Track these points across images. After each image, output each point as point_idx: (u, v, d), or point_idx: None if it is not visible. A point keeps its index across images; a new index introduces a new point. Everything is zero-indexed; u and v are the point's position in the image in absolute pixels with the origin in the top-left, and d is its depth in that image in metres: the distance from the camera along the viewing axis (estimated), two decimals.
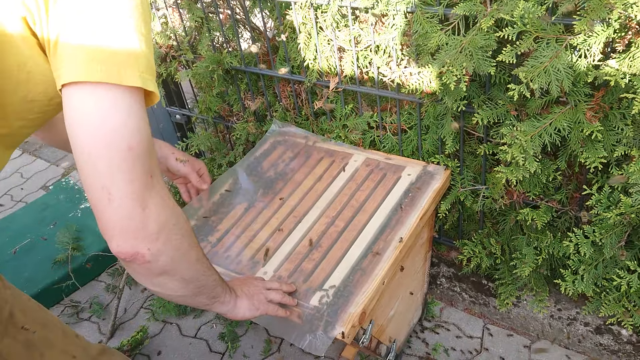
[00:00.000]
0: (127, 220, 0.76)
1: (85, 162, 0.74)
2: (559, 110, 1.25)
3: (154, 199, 0.78)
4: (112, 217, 0.76)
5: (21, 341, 0.95)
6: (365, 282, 1.25)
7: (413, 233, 1.36)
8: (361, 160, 1.61)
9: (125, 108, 0.73)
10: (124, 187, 0.75)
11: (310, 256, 1.35)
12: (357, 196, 1.49)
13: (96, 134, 0.72)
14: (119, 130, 0.73)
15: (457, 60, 1.23)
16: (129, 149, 0.74)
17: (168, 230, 0.81)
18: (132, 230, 0.77)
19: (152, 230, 0.79)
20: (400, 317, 1.61)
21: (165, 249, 0.82)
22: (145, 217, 0.77)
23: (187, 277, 0.90)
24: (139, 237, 0.78)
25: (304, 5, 1.57)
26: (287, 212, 1.50)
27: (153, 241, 0.79)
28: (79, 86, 0.71)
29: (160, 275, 0.85)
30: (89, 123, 0.72)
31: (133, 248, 0.78)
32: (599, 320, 1.61)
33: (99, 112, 0.72)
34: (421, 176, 1.50)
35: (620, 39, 1.10)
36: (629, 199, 1.22)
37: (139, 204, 0.76)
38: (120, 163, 0.74)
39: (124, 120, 0.73)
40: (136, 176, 0.75)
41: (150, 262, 0.81)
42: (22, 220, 2.51)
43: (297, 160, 1.67)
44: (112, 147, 0.73)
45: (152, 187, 0.78)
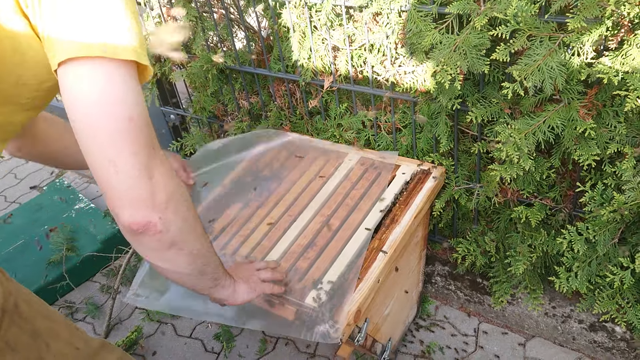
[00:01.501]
0: (136, 191, 0.77)
1: (87, 137, 0.74)
2: (553, 108, 1.25)
3: (159, 169, 0.79)
4: (121, 189, 0.76)
5: (28, 331, 0.95)
6: (360, 281, 1.25)
7: (407, 231, 1.36)
8: (356, 159, 1.61)
9: (122, 81, 0.74)
10: (130, 159, 0.75)
11: (306, 255, 1.36)
12: (352, 195, 1.49)
13: (96, 108, 0.72)
14: (119, 103, 0.73)
15: (451, 59, 1.23)
16: (130, 120, 0.74)
17: (175, 200, 0.82)
18: (142, 200, 0.78)
19: (161, 199, 0.79)
20: (396, 315, 1.62)
21: (175, 218, 0.83)
22: (153, 187, 0.78)
23: (195, 250, 0.90)
24: (149, 207, 0.79)
25: (298, 4, 1.57)
26: (282, 211, 1.50)
27: (163, 210, 0.80)
28: (74, 63, 0.71)
29: (171, 248, 0.85)
30: (88, 98, 0.72)
31: (144, 218, 0.79)
32: (593, 317, 1.62)
33: (97, 87, 0.72)
34: (415, 175, 1.50)
35: (612, 36, 1.10)
36: (622, 196, 1.23)
37: (145, 174, 0.77)
38: (123, 135, 0.74)
39: (123, 92, 0.74)
40: (140, 147, 0.76)
41: (162, 232, 0.81)
42: (16, 221, 2.50)
43: (291, 159, 1.67)
44: (114, 120, 0.73)
45: (155, 158, 0.79)
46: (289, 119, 1.89)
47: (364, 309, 1.24)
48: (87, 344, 1.09)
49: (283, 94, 1.89)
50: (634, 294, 1.43)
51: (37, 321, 0.99)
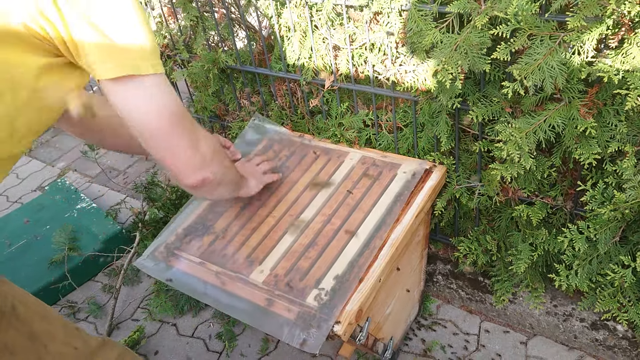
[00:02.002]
0: (192, 161, 1.05)
1: (147, 136, 0.98)
2: (553, 107, 1.25)
3: (200, 138, 1.06)
4: (181, 165, 1.04)
5: (25, 333, 0.97)
6: (362, 280, 1.26)
7: (409, 230, 1.36)
8: (357, 158, 1.61)
9: (160, 87, 0.95)
10: (181, 142, 1.01)
11: (307, 254, 1.36)
12: (353, 194, 1.49)
13: (149, 114, 0.95)
14: (162, 105, 0.96)
15: (452, 58, 1.23)
16: (173, 114, 0.98)
17: (216, 155, 1.13)
18: (197, 166, 1.07)
19: (208, 160, 1.09)
20: (397, 314, 1.62)
21: (218, 167, 1.15)
22: (201, 155, 1.07)
23: (230, 179, 1.27)
24: (203, 168, 1.09)
25: (299, 4, 1.57)
26: (284, 210, 1.50)
27: (211, 166, 1.11)
28: (119, 80, 0.91)
29: (219, 186, 1.19)
30: (140, 109, 0.95)
31: (202, 176, 1.09)
32: (594, 315, 1.62)
33: (144, 97, 0.94)
34: (417, 174, 1.50)
35: (613, 35, 1.10)
36: (623, 195, 1.23)
37: (195, 148, 1.04)
38: (172, 127, 0.98)
39: (162, 96, 0.96)
40: (185, 130, 1.01)
41: (213, 180, 1.13)
42: (18, 221, 2.51)
43: (292, 158, 1.67)
44: (163, 119, 0.97)
45: (196, 131, 1.05)
46: (290, 118, 1.90)
47: (365, 308, 1.24)
48: (85, 343, 1.11)
49: (284, 94, 1.89)
50: (635, 292, 1.43)
51: (34, 323, 1.01)
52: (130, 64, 0.89)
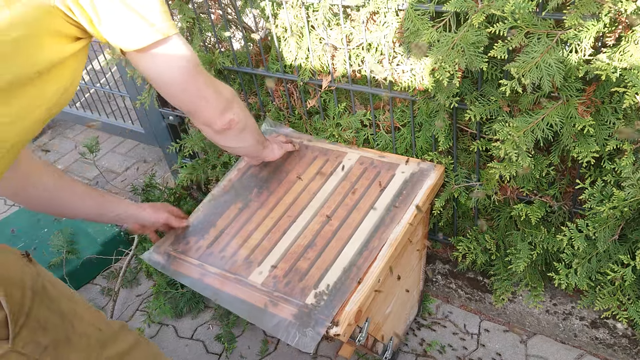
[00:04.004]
0: (220, 106, 1.19)
1: (180, 90, 1.08)
2: (551, 105, 1.25)
3: (219, 84, 1.19)
4: (211, 109, 1.17)
5: (56, 311, 0.98)
6: (361, 281, 1.25)
7: (407, 230, 1.36)
8: (355, 158, 1.60)
9: (182, 44, 1.02)
10: (208, 89, 1.13)
11: (306, 255, 1.35)
12: (352, 195, 1.49)
13: (180, 68, 1.04)
14: (186, 63, 1.04)
15: (450, 56, 1.23)
16: (197, 65, 1.07)
17: (237, 100, 1.26)
18: (224, 109, 1.20)
19: (230, 103, 1.22)
20: (397, 314, 1.62)
21: (240, 110, 1.26)
22: (224, 99, 1.20)
23: (254, 127, 1.38)
24: (228, 111, 1.21)
25: (295, 4, 1.57)
26: (282, 211, 1.49)
27: (234, 109, 1.23)
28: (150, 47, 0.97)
29: (243, 130, 1.30)
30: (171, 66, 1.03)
31: (227, 119, 1.22)
32: (594, 314, 1.62)
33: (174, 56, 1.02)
34: (415, 173, 1.50)
35: (610, 33, 1.10)
36: (622, 193, 1.23)
37: (218, 92, 1.17)
38: (199, 76, 1.09)
39: (186, 51, 1.03)
40: (208, 78, 1.13)
41: (238, 122, 1.25)
42: (15, 224, 2.50)
43: (291, 159, 1.67)
44: (191, 71, 1.06)
45: (214, 79, 1.17)
46: (288, 119, 1.89)
47: (364, 309, 1.24)
48: (108, 326, 1.12)
49: (281, 94, 1.89)
50: (635, 290, 1.43)
51: (62, 302, 1.02)
52: (155, 30, 0.95)
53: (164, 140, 2.50)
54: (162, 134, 2.49)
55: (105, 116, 3.27)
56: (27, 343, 0.88)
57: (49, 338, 0.93)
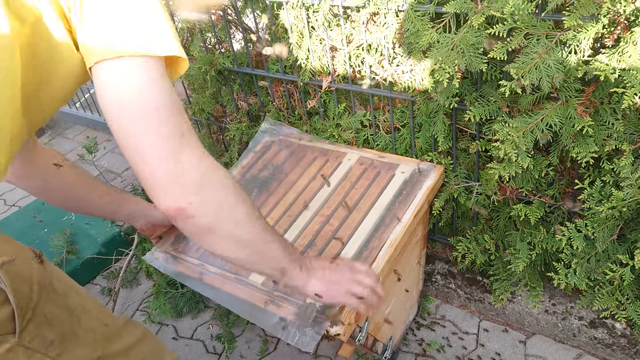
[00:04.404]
0: (164, 178, 0.79)
1: (117, 130, 0.77)
2: (550, 106, 1.25)
3: (187, 155, 0.79)
4: (150, 177, 0.79)
5: (62, 306, 0.97)
6: None
7: (407, 230, 1.37)
8: (355, 158, 1.61)
9: (142, 74, 0.76)
10: (156, 146, 0.77)
11: (306, 255, 1.36)
12: (351, 195, 1.49)
13: (122, 101, 0.75)
14: (143, 95, 0.76)
15: (449, 57, 1.23)
16: (155, 110, 0.76)
17: (208, 184, 0.82)
18: (170, 186, 0.79)
19: (190, 185, 0.80)
20: (396, 314, 1.62)
21: (207, 203, 0.82)
22: (180, 173, 0.79)
23: (239, 237, 0.89)
24: (178, 193, 0.80)
25: (296, 5, 1.57)
26: (282, 211, 1.50)
27: (193, 195, 0.81)
28: (102, 64, 0.75)
29: (209, 234, 0.86)
30: (117, 95, 0.75)
31: (175, 203, 0.80)
32: (593, 314, 1.62)
33: (122, 85, 0.75)
34: (415, 174, 1.50)
35: (609, 34, 1.11)
36: (621, 193, 1.23)
37: (172, 161, 0.78)
38: (148, 125, 0.76)
39: (146, 84, 0.76)
40: (165, 136, 0.77)
41: (195, 217, 0.82)
42: (15, 225, 2.50)
43: (291, 159, 1.67)
44: (139, 112, 0.76)
45: (185, 144, 0.80)
46: (288, 120, 1.90)
47: None
48: (114, 321, 1.10)
49: (282, 95, 1.89)
50: (634, 290, 1.43)
51: (69, 297, 1.01)
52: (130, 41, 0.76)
53: None
54: None
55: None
56: (33, 337, 0.88)
57: (55, 332, 0.93)
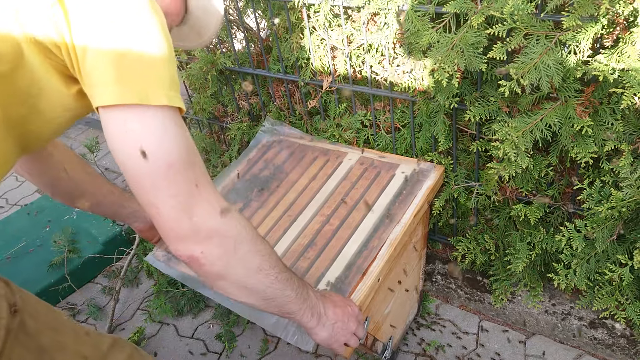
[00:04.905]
0: (178, 229, 0.80)
1: (131, 181, 0.78)
2: (550, 106, 1.26)
3: (201, 206, 0.81)
4: (164, 227, 0.81)
5: (33, 349, 0.94)
6: (360, 280, 1.26)
7: (407, 230, 1.37)
8: (355, 158, 1.61)
9: (158, 127, 0.76)
10: (169, 202, 0.78)
11: (306, 255, 1.36)
12: (352, 194, 1.50)
13: (135, 156, 0.75)
14: (156, 151, 0.75)
15: (449, 57, 1.24)
16: (168, 166, 0.77)
17: (221, 235, 0.84)
18: (183, 236, 0.81)
19: (203, 235, 0.82)
20: (396, 314, 1.62)
21: (219, 252, 0.84)
22: (193, 225, 0.81)
23: (249, 285, 0.91)
24: (191, 242, 0.82)
25: (297, 5, 1.58)
26: (282, 211, 1.50)
27: (205, 244, 0.83)
28: (111, 109, 0.74)
29: (220, 280, 0.88)
30: (127, 146, 0.75)
31: (187, 251, 0.82)
32: (592, 314, 1.62)
33: (133, 135, 0.75)
34: (415, 174, 1.51)
35: (608, 34, 1.11)
36: (620, 193, 1.23)
37: (185, 214, 0.80)
38: (162, 181, 0.77)
39: (159, 139, 0.76)
40: (179, 190, 0.79)
41: (205, 265, 0.84)
42: (17, 224, 2.51)
43: (291, 159, 1.68)
44: (150, 170, 0.76)
45: (198, 195, 0.81)
46: (289, 120, 1.90)
47: (364, 308, 1.25)
48: (96, 349, 1.07)
49: (282, 95, 1.90)
50: (633, 290, 1.43)
51: (42, 336, 0.97)
52: (139, 89, 0.74)
53: None
54: None
55: None
56: None
57: None
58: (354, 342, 1.13)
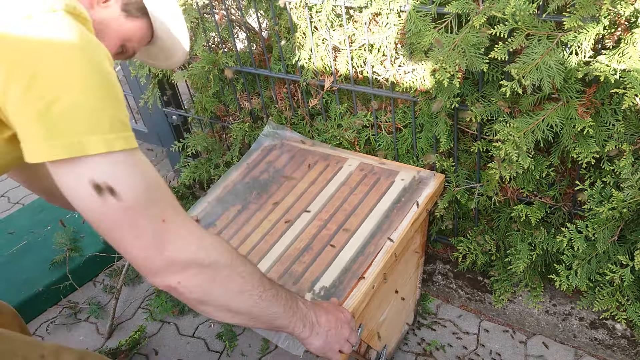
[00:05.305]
0: (150, 265, 0.79)
1: (94, 227, 0.76)
2: (551, 106, 1.26)
3: (172, 242, 0.79)
4: (135, 264, 0.79)
5: None
6: (355, 286, 1.25)
7: (404, 238, 1.36)
8: (355, 164, 1.60)
9: (105, 173, 0.72)
10: (135, 243, 0.77)
11: (301, 259, 1.35)
12: (350, 200, 1.48)
13: (88, 206, 0.73)
14: (108, 198, 0.73)
15: (450, 57, 1.24)
16: (124, 211, 0.74)
17: (197, 264, 0.82)
18: (156, 270, 0.80)
19: (179, 267, 0.80)
20: (391, 322, 1.61)
21: (197, 281, 0.83)
22: (166, 259, 0.79)
23: (232, 308, 0.90)
24: (166, 274, 0.80)
25: (299, 5, 1.58)
26: (280, 214, 1.50)
27: (182, 275, 0.81)
28: (57, 163, 0.71)
29: (202, 305, 0.87)
30: (78, 197, 0.73)
31: (164, 282, 0.81)
32: (593, 315, 1.62)
33: (80, 185, 0.72)
34: (414, 181, 1.49)
35: (609, 35, 1.11)
36: (621, 194, 1.24)
37: (155, 251, 0.78)
38: (122, 225, 0.75)
39: (109, 186, 0.73)
40: (143, 231, 0.76)
41: (184, 293, 0.83)
42: (19, 222, 2.52)
43: (291, 163, 1.67)
44: (108, 217, 0.74)
45: (166, 231, 0.78)
46: (290, 121, 1.90)
47: (357, 314, 1.23)
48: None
49: (284, 96, 1.90)
50: (634, 291, 1.43)
51: None
52: (70, 142, 0.69)
53: (167, 140, 2.51)
54: (165, 133, 2.51)
55: None
56: None
57: None
58: (347, 348, 1.13)
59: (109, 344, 1.98)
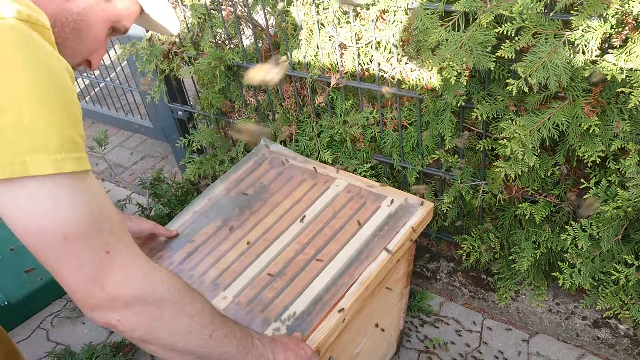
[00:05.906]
0: (89, 299, 0.73)
1: (33, 253, 0.70)
2: (557, 105, 1.26)
3: (114, 275, 0.73)
4: (74, 297, 0.73)
5: None
6: (324, 319, 1.17)
7: (384, 269, 1.28)
8: (343, 185, 1.51)
9: (45, 198, 0.66)
10: (74, 274, 0.71)
11: (273, 285, 1.28)
12: (332, 224, 1.40)
13: (26, 232, 0.68)
14: (47, 226, 0.67)
15: (457, 55, 1.25)
16: (65, 239, 0.68)
17: (140, 301, 0.76)
18: (95, 305, 0.74)
19: (120, 303, 0.74)
20: (368, 354, 1.53)
21: (139, 319, 0.77)
22: (106, 294, 0.73)
23: (178, 348, 0.83)
24: (105, 310, 0.74)
25: (306, 2, 1.59)
26: (260, 233, 1.42)
27: (122, 312, 0.75)
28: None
29: (144, 343, 0.81)
30: (15, 222, 0.67)
31: (102, 319, 0.75)
32: (596, 314, 1.63)
33: (19, 211, 0.66)
34: (400, 209, 1.40)
35: (617, 34, 1.12)
36: (626, 193, 1.24)
37: (95, 285, 0.72)
38: (62, 254, 0.69)
39: (49, 212, 0.67)
40: (84, 261, 0.71)
41: (125, 332, 0.77)
42: None
43: (279, 180, 1.59)
44: (47, 244, 0.68)
45: (110, 263, 0.73)
46: (297, 118, 1.91)
47: (324, 349, 1.15)
48: None
49: (291, 94, 1.91)
50: (638, 290, 1.44)
51: None
52: (11, 161, 0.63)
53: (172, 135, 2.52)
54: (170, 129, 2.51)
55: (114, 110, 3.31)
56: None
57: None
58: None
59: (113, 338, 1.99)
